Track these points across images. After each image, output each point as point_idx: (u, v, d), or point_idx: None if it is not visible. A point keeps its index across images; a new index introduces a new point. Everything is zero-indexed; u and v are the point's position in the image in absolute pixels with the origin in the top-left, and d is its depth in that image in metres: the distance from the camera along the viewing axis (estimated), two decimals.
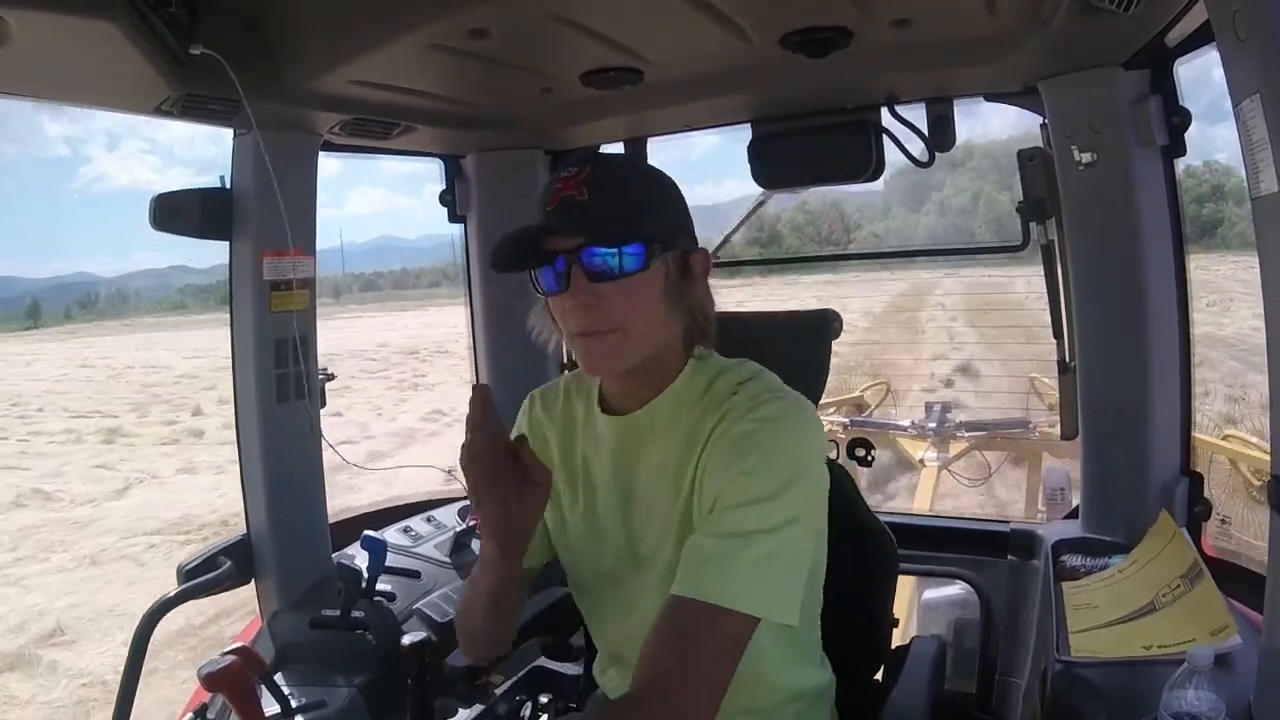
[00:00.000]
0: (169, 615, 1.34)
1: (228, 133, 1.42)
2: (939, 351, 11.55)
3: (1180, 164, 1.39)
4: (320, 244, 1.53)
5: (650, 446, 0.92)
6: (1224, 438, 3.63)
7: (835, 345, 1.18)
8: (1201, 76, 1.37)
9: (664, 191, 0.91)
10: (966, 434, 4.45)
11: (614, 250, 0.84)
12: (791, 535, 0.81)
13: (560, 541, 1.02)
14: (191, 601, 1.41)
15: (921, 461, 4.31)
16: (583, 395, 1.01)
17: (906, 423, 4.62)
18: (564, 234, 0.84)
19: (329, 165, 1.48)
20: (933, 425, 4.45)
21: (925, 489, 4.05)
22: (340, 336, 19.81)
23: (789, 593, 0.81)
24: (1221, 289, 13.85)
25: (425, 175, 1.97)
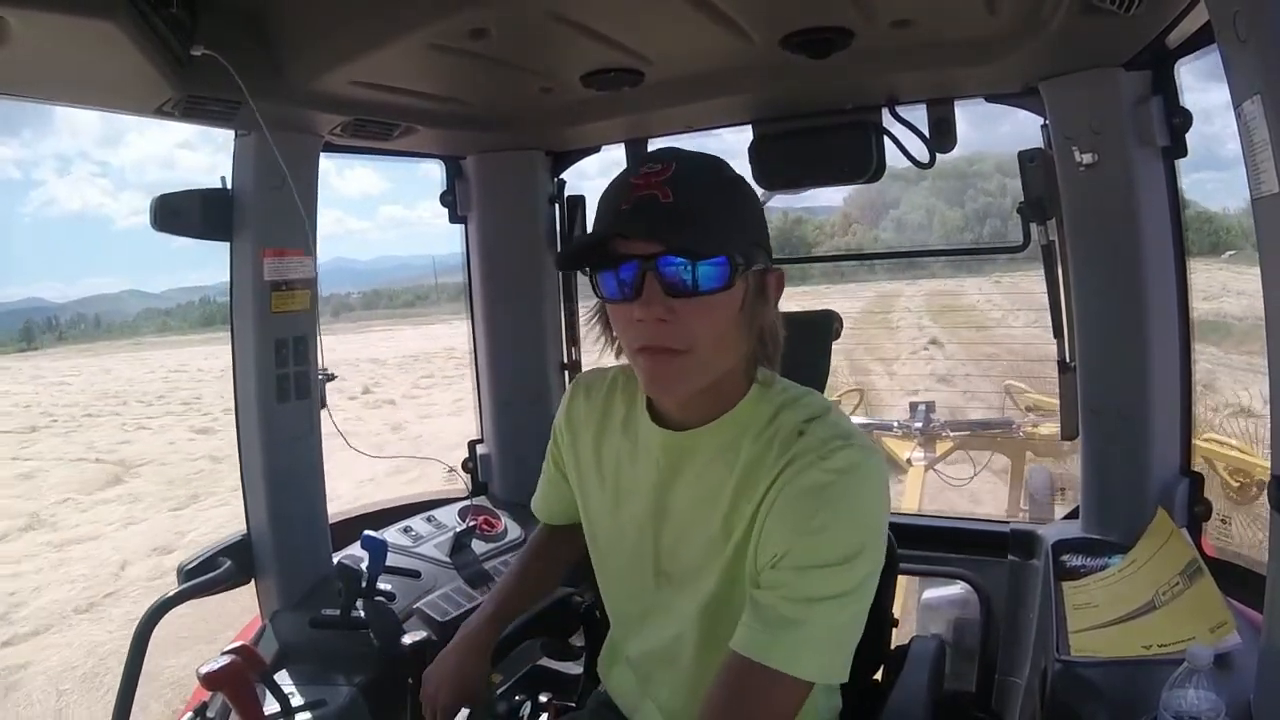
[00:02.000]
0: None
1: (189, 154, 1.43)
2: (914, 335, 14.27)
3: None
4: None
5: (698, 467, 0.88)
6: (1204, 439, 3.68)
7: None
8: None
9: (749, 202, 0.84)
10: (951, 433, 4.46)
11: (697, 263, 0.77)
12: (861, 600, 0.79)
13: (585, 521, 1.02)
14: None
15: (909, 461, 4.31)
16: (629, 393, 0.97)
17: (893, 423, 4.63)
18: (640, 237, 0.77)
19: None
20: (918, 425, 4.44)
21: (913, 489, 4.05)
22: (396, 344, 23.73)
23: (847, 655, 0.79)
24: None
25: (380, 198, 2.01)
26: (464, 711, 1.24)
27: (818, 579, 0.77)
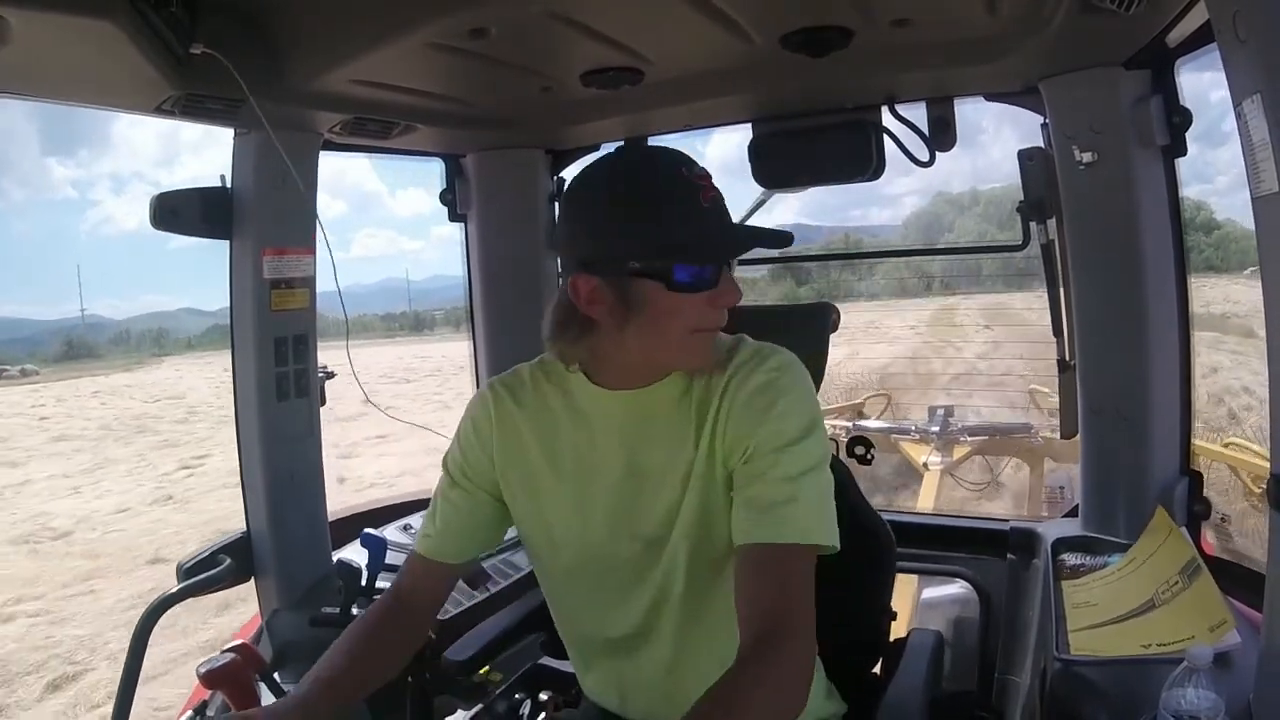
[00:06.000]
0: None
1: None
2: (972, 326, 16.96)
3: None
4: (365, 279, 1.57)
5: (662, 420, 0.91)
6: (1225, 445, 3.67)
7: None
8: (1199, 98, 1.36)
9: None
10: (969, 438, 4.42)
11: None
12: (827, 469, 0.86)
13: (534, 534, 0.98)
14: None
15: (925, 465, 4.27)
16: (556, 381, 0.96)
17: (910, 426, 4.61)
18: (742, 238, 0.93)
19: (335, 207, 1.49)
20: (935, 429, 4.41)
21: (927, 494, 4.03)
22: None
23: (835, 521, 0.86)
24: None
25: (431, 217, 1.99)
26: (464, 713, 1.24)
27: (793, 457, 0.84)
